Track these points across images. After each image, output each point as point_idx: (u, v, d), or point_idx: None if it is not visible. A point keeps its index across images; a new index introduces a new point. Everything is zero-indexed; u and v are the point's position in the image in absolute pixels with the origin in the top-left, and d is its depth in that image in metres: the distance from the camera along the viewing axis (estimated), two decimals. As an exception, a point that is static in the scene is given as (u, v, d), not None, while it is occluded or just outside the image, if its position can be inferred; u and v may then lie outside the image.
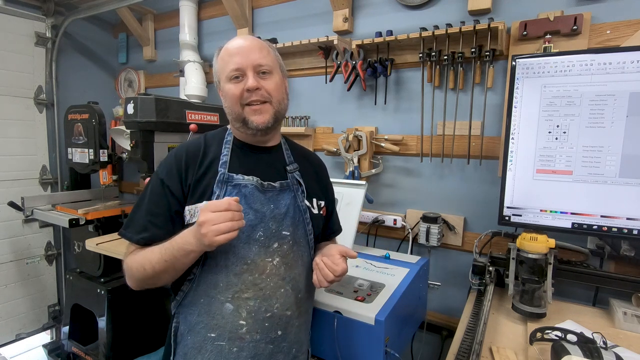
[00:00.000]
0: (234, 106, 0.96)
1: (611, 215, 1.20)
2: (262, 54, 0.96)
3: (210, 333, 0.92)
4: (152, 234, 0.92)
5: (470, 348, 1.04)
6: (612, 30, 1.36)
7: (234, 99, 0.95)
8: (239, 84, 0.94)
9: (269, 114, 0.97)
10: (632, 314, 1.18)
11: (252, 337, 0.91)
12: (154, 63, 2.86)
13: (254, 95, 0.94)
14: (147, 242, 0.93)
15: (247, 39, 0.98)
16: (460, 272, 1.74)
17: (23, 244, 2.61)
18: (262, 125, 0.96)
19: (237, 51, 0.95)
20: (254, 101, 0.95)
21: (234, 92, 0.94)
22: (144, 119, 1.69)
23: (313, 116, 2.10)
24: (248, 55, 0.94)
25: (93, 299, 2.09)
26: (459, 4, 1.64)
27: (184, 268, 0.90)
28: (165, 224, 0.93)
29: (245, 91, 0.94)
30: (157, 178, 0.96)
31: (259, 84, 0.94)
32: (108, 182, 2.39)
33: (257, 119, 0.95)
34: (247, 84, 0.93)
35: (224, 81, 0.97)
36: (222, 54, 0.98)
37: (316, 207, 1.08)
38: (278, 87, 0.98)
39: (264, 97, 0.95)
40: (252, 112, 0.95)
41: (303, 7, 2.09)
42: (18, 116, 2.55)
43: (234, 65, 0.94)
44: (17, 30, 2.50)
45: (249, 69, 0.94)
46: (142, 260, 0.90)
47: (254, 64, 0.94)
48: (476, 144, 1.61)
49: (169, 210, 0.93)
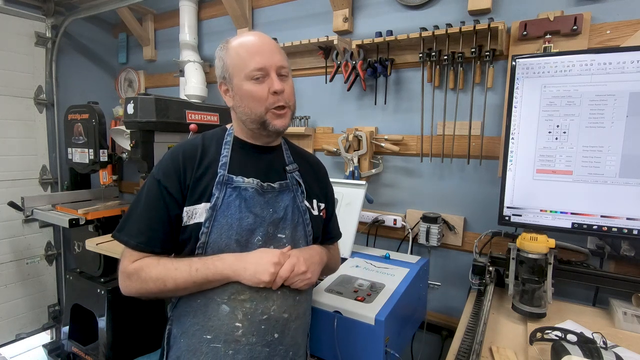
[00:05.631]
0: (257, 108, 0.93)
1: (611, 215, 1.20)
2: (282, 56, 0.95)
3: (206, 335, 0.91)
4: (148, 237, 0.90)
5: (470, 348, 1.04)
6: (612, 30, 1.36)
7: (259, 100, 0.92)
8: (262, 85, 0.92)
9: (288, 118, 0.97)
10: (632, 314, 1.18)
11: (248, 340, 0.90)
12: (154, 63, 2.86)
13: (280, 99, 0.93)
14: (143, 247, 0.90)
15: (263, 36, 0.95)
16: (460, 272, 1.74)
17: (23, 244, 2.61)
18: (282, 129, 0.96)
19: (258, 49, 0.92)
20: (280, 106, 0.93)
21: (260, 93, 0.91)
22: (144, 119, 1.69)
23: (313, 116, 2.10)
24: (272, 56, 0.92)
25: (93, 299, 2.09)
26: (459, 4, 1.64)
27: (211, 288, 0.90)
28: (163, 226, 0.91)
29: (270, 94, 0.92)
30: (154, 179, 0.93)
31: (283, 87, 0.93)
32: (108, 182, 2.40)
33: (279, 122, 0.95)
34: (275, 86, 0.91)
35: (240, 79, 0.92)
36: (239, 49, 0.93)
37: (316, 209, 1.07)
38: (293, 91, 0.98)
39: (286, 102, 0.95)
40: (276, 116, 0.94)
41: (303, 7, 2.09)
42: (18, 116, 2.55)
43: (258, 65, 0.90)
44: (17, 30, 2.50)
45: (272, 70, 0.92)
46: (164, 276, 0.88)
47: (277, 65, 0.92)
48: (476, 144, 1.61)
49: (166, 212, 0.91)
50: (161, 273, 0.88)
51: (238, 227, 0.92)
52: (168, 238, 0.92)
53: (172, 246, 0.94)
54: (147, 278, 0.88)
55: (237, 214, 0.92)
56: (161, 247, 0.92)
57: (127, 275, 0.91)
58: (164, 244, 0.92)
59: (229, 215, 0.92)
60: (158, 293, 0.89)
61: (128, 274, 0.91)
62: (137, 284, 0.90)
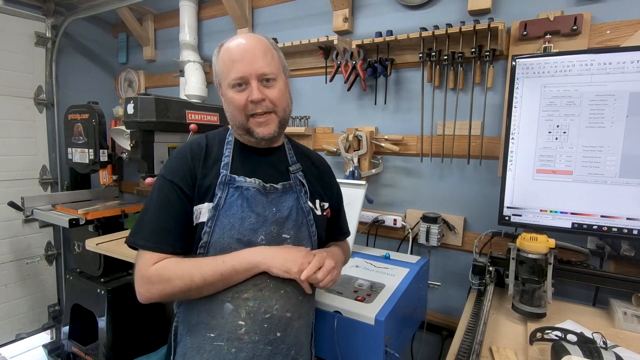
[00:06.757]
0: (238, 115, 0.94)
1: (611, 215, 1.20)
2: (267, 60, 0.93)
3: (209, 333, 0.91)
4: (166, 236, 0.89)
5: (470, 348, 1.04)
6: (612, 30, 1.36)
7: (238, 108, 0.93)
8: (242, 93, 0.92)
9: (274, 123, 0.96)
10: (632, 314, 1.18)
11: (250, 338, 0.90)
12: (154, 63, 2.86)
13: (259, 107, 0.93)
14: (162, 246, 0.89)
15: (249, 39, 0.94)
16: (460, 272, 1.74)
17: (23, 244, 2.61)
18: (267, 136, 0.96)
19: (239, 56, 0.91)
20: (258, 113, 0.93)
21: (238, 102, 0.92)
22: (144, 119, 1.69)
23: (313, 116, 2.10)
24: (252, 63, 0.91)
25: (93, 299, 2.09)
26: (459, 4, 1.64)
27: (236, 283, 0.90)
28: (180, 225, 0.90)
29: (249, 102, 0.92)
30: (165, 180, 0.92)
31: (264, 94, 0.92)
32: (108, 182, 2.39)
33: (262, 130, 0.95)
34: (252, 96, 0.91)
35: (225, 87, 0.95)
36: (223, 55, 0.94)
37: (319, 209, 1.07)
38: (282, 94, 0.96)
39: (269, 108, 0.94)
40: (257, 124, 0.94)
41: (303, 7, 2.09)
42: (18, 116, 2.55)
43: (237, 74, 0.91)
44: (17, 30, 2.50)
45: (252, 78, 0.91)
46: (190, 270, 0.86)
47: (257, 72, 0.91)
48: (476, 144, 1.61)
49: (183, 211, 0.91)
50: (187, 267, 0.87)
51: (240, 226, 0.92)
52: (185, 237, 0.91)
53: (188, 246, 0.93)
54: (172, 276, 0.86)
55: (239, 214, 0.92)
56: (181, 246, 0.91)
57: (147, 279, 0.88)
58: (183, 243, 0.91)
59: (231, 215, 0.92)
60: (184, 291, 0.87)
61: (149, 277, 0.87)
62: (160, 285, 0.87)
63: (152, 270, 0.87)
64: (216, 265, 0.87)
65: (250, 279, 0.91)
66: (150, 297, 0.88)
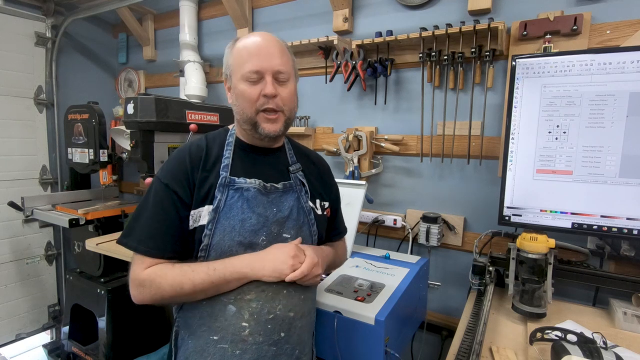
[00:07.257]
0: (248, 109, 0.93)
1: (611, 215, 1.20)
2: (283, 60, 0.93)
3: (212, 336, 0.91)
4: (159, 242, 0.89)
5: (470, 348, 1.04)
6: (612, 30, 1.36)
7: (249, 101, 0.92)
8: (255, 87, 0.92)
9: (280, 122, 0.96)
10: (632, 314, 1.18)
11: (254, 339, 0.89)
12: (154, 63, 2.86)
13: (270, 102, 0.92)
14: (155, 252, 0.89)
15: (267, 38, 0.94)
16: (460, 272, 1.74)
17: (23, 244, 2.61)
18: (273, 134, 0.95)
19: (257, 51, 0.91)
20: (269, 109, 0.93)
21: (251, 94, 0.91)
22: (144, 119, 1.69)
23: (313, 116, 2.10)
24: (270, 59, 0.91)
25: (93, 299, 2.09)
26: (459, 4, 1.64)
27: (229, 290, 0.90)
28: (174, 230, 0.90)
29: (262, 96, 0.92)
30: (161, 183, 0.92)
31: (277, 91, 0.92)
32: (108, 182, 2.39)
33: (269, 127, 0.94)
34: (266, 89, 0.91)
35: (237, 79, 0.93)
36: (240, 49, 0.94)
37: (320, 208, 1.07)
38: (292, 96, 0.97)
39: (278, 107, 0.94)
40: (266, 119, 0.94)
41: (303, 7, 2.09)
42: (18, 116, 2.55)
43: (254, 67, 0.90)
44: (17, 30, 2.49)
45: (267, 74, 0.91)
46: (181, 279, 0.86)
47: (274, 69, 0.91)
48: (476, 144, 1.61)
49: (177, 217, 0.90)
50: (177, 276, 0.87)
51: (241, 228, 0.92)
52: (179, 243, 0.91)
53: (182, 251, 0.93)
54: (162, 283, 0.87)
55: (239, 215, 0.92)
56: (172, 252, 0.91)
57: (139, 283, 0.89)
58: (175, 248, 0.91)
59: (231, 217, 0.91)
60: (174, 297, 0.88)
61: (141, 281, 0.88)
62: (151, 290, 0.88)
63: (144, 274, 0.88)
64: (207, 274, 0.87)
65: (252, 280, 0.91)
66: (142, 299, 0.90)
